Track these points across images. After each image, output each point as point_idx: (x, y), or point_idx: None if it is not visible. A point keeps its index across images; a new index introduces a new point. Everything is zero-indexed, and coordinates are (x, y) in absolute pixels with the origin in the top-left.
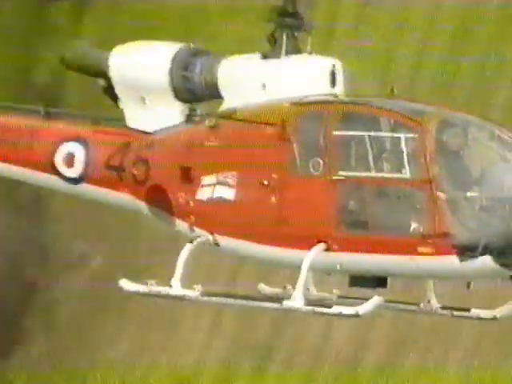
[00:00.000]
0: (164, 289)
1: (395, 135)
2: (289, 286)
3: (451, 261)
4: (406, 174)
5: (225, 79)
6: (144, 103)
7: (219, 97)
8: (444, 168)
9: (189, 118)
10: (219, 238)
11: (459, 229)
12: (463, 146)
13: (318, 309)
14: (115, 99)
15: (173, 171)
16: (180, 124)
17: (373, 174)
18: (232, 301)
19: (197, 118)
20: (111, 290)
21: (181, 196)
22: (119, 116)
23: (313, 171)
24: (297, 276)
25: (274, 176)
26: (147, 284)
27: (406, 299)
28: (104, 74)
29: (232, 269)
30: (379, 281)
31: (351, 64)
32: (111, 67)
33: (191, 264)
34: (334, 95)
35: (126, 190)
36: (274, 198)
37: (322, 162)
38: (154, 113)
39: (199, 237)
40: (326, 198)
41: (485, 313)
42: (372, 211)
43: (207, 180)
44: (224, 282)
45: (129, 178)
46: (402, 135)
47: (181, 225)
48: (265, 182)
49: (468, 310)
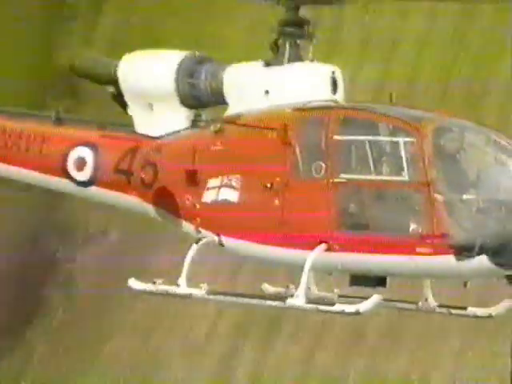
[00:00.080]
0: (171, 288)
1: (394, 139)
2: (291, 286)
3: (449, 260)
4: (405, 177)
5: (229, 86)
6: (151, 109)
7: (224, 103)
8: (441, 171)
9: (194, 123)
10: (224, 239)
11: (456, 229)
12: (460, 150)
13: (321, 307)
14: (124, 106)
15: (179, 174)
16: (186, 129)
17: (373, 177)
18: (237, 299)
19: (202, 123)
20: (128, 263)
21: (187, 198)
22: (128, 122)
23: (315, 174)
24: (294, 275)
25: (277, 179)
26: (155, 283)
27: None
28: (113, 82)
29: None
30: (379, 280)
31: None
32: (120, 75)
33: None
34: (335, 101)
35: (134, 193)
36: (277, 201)
37: (324, 166)
38: (161, 118)
39: (205, 238)
40: (328, 200)
41: (481, 311)
42: (372, 213)
43: (212, 183)
44: (225, 281)
45: (137, 182)
46: (401, 139)
47: (187, 226)
48: (268, 185)
49: (465, 309)
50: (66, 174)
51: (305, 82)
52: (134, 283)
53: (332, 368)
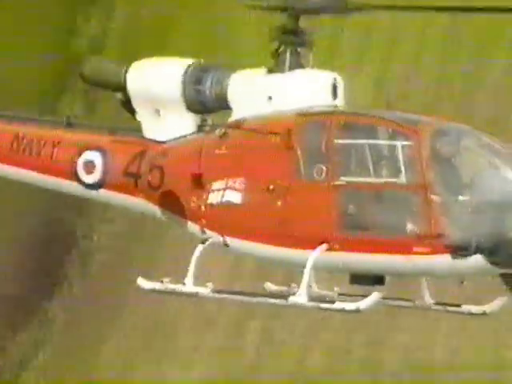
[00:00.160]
0: (178, 286)
1: (392, 143)
2: (293, 284)
3: (445, 259)
4: (403, 179)
5: (233, 92)
6: (159, 115)
7: (228, 108)
8: (438, 173)
9: (200, 128)
10: (229, 240)
11: (452, 230)
12: (455, 153)
13: (322, 305)
14: (132, 112)
15: (185, 177)
16: (192, 133)
17: (372, 180)
18: (241, 297)
19: (207, 128)
20: (142, 241)
21: (193, 200)
22: (135, 127)
23: (316, 177)
24: (293, 274)
25: (280, 181)
26: (162, 282)
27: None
28: (122, 89)
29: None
30: (377, 279)
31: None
32: (128, 82)
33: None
34: (335, 106)
35: (142, 196)
36: (280, 202)
37: (325, 169)
38: (168, 124)
39: (210, 238)
40: (329, 202)
41: (475, 308)
42: (371, 214)
43: (217, 185)
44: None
45: (144, 184)
46: (399, 143)
47: (193, 227)
48: (271, 187)
49: (459, 306)
50: (76, 177)
51: (306, 88)
52: (143, 282)
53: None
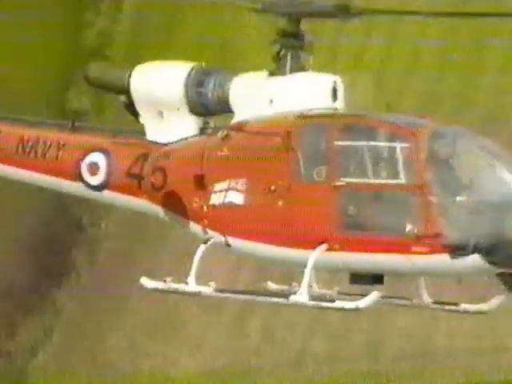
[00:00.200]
0: (181, 286)
1: (391, 145)
2: (294, 283)
3: (443, 259)
4: (402, 180)
5: (235, 95)
6: (162, 117)
7: (230, 111)
8: (436, 175)
9: (202, 131)
10: (230, 240)
11: (450, 230)
12: (453, 155)
13: (322, 303)
14: (136, 115)
15: (188, 179)
16: (194, 136)
17: (371, 181)
18: (243, 296)
19: (210, 130)
20: (149, 228)
21: (195, 201)
22: (139, 129)
23: (316, 178)
24: (290, 274)
25: (281, 182)
26: (165, 281)
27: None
28: (125, 92)
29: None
30: (376, 278)
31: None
32: (132, 86)
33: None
34: (335, 109)
35: (145, 197)
36: (281, 203)
37: (325, 170)
38: (171, 126)
39: (212, 238)
40: (329, 203)
41: (473, 307)
42: (370, 214)
43: (219, 186)
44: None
45: (147, 186)
46: (398, 145)
47: (195, 227)
48: (272, 188)
49: (457, 305)
50: (81, 179)
51: (307, 91)
52: (146, 281)
53: None
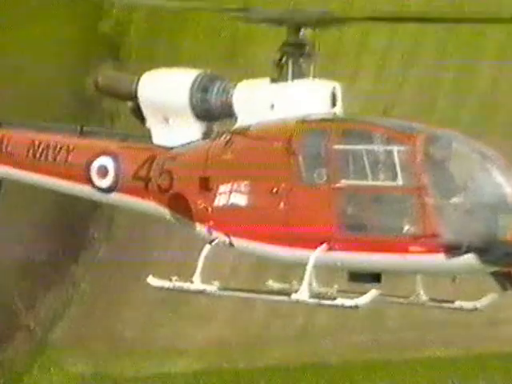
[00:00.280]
0: (186, 284)
1: (389, 148)
2: (294, 282)
3: (439, 258)
4: (399, 182)
5: (238, 100)
6: (168, 123)
7: (233, 116)
8: (432, 177)
9: (207, 135)
10: (234, 240)
11: (446, 230)
12: (448, 158)
13: (323, 301)
14: (142, 120)
15: (193, 181)
16: (199, 140)
17: (370, 183)
18: (246, 294)
19: (214, 135)
20: None
21: (200, 203)
22: (145, 134)
23: (317, 180)
24: (287, 273)
25: (283, 185)
26: (171, 280)
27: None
28: (133, 98)
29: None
30: (375, 276)
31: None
32: (139, 92)
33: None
34: (335, 114)
35: (151, 198)
36: (283, 204)
37: (325, 173)
38: (177, 131)
39: (217, 238)
40: (329, 204)
41: (467, 304)
42: (369, 215)
43: (223, 189)
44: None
45: (154, 188)
46: (395, 148)
47: (200, 228)
48: (274, 190)
49: (452, 302)
50: (90, 181)
51: (307, 97)
52: (153, 280)
53: None
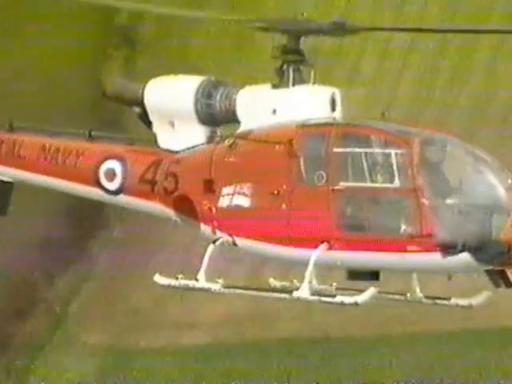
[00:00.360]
0: (191, 282)
1: (386, 151)
2: (295, 280)
3: (435, 257)
4: (396, 184)
5: (241, 106)
6: (173, 127)
7: (236, 121)
8: (428, 179)
9: (211, 139)
10: (237, 240)
11: (441, 230)
12: (443, 161)
13: (323, 298)
14: (149, 125)
15: (197, 183)
16: (203, 144)
17: (368, 184)
18: (249, 292)
19: (217, 139)
20: None
21: (204, 204)
22: (151, 138)
23: (317, 182)
24: (283, 271)
25: (284, 186)
26: (177, 278)
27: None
28: (139, 104)
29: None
30: (373, 275)
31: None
32: (146, 98)
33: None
34: (334, 118)
35: (157, 200)
36: (284, 205)
37: (325, 175)
38: (182, 135)
39: (221, 238)
40: (329, 205)
41: (462, 301)
42: (368, 216)
43: (227, 190)
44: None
45: (160, 190)
46: (392, 151)
47: (204, 229)
48: (276, 192)
49: (448, 299)
50: (98, 184)
51: (307, 102)
52: (159, 279)
53: None
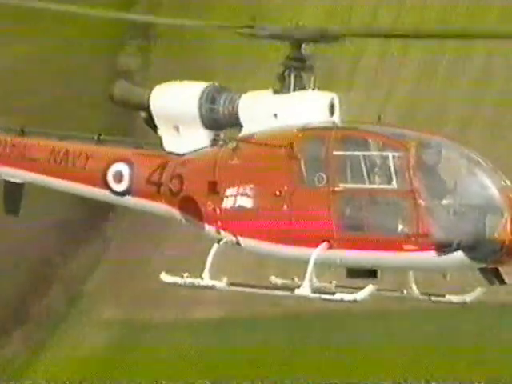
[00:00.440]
0: (196, 280)
1: (384, 154)
2: (296, 278)
3: (430, 255)
4: (394, 186)
5: (244, 110)
6: (178, 131)
7: (239, 125)
8: (424, 180)
9: (214, 142)
10: (240, 239)
11: (437, 230)
12: (438, 163)
13: (323, 295)
14: (155, 128)
15: (202, 185)
16: (207, 147)
17: (367, 186)
18: (252, 290)
19: (221, 142)
20: None
21: (209, 205)
22: (157, 141)
23: (317, 184)
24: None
25: (286, 188)
26: (183, 277)
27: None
28: (146, 108)
29: None
30: (371, 272)
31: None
32: (152, 103)
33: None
34: (333, 122)
35: (163, 201)
36: (286, 206)
37: (325, 177)
38: (187, 138)
39: (224, 238)
40: (329, 206)
41: (457, 298)
42: (366, 216)
43: (230, 192)
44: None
45: (166, 191)
46: (390, 154)
47: (209, 229)
48: (278, 193)
49: (443, 296)
50: (107, 186)
51: (307, 107)
52: (165, 277)
53: None
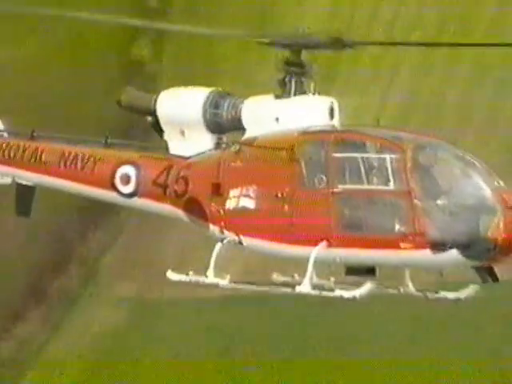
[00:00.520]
0: (201, 278)
1: (382, 156)
2: (296, 275)
3: (426, 254)
4: (391, 187)
5: (246, 114)
6: (183, 135)
7: (242, 128)
8: (420, 182)
9: (218, 145)
10: (243, 239)
11: (432, 229)
12: (434, 165)
13: (323, 292)
14: (160, 133)
15: (206, 187)
16: (211, 150)
17: (365, 187)
18: (254, 287)
19: (224, 145)
20: None
21: (213, 206)
22: (163, 145)
23: (317, 185)
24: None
25: (287, 189)
26: (188, 274)
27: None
28: (152, 113)
29: None
30: (369, 270)
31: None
32: (158, 108)
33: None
34: (333, 126)
35: (169, 202)
36: (287, 207)
37: (325, 178)
38: (191, 142)
39: (228, 238)
40: (328, 206)
41: (451, 294)
42: (364, 216)
43: (234, 193)
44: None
45: (171, 193)
46: (387, 156)
47: (213, 229)
48: (279, 194)
49: (437, 292)
50: (114, 188)
51: (308, 111)
52: (172, 275)
53: None
